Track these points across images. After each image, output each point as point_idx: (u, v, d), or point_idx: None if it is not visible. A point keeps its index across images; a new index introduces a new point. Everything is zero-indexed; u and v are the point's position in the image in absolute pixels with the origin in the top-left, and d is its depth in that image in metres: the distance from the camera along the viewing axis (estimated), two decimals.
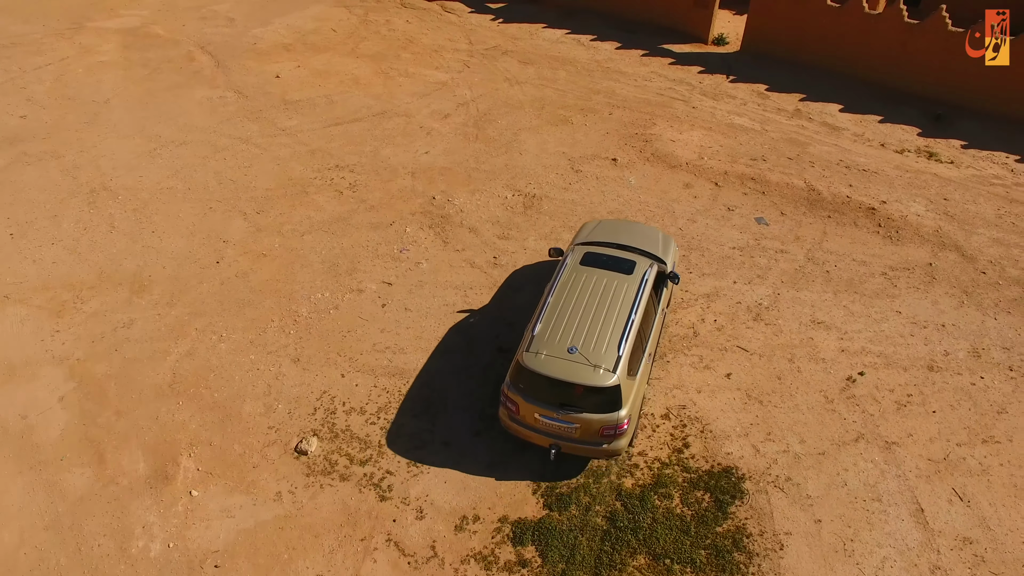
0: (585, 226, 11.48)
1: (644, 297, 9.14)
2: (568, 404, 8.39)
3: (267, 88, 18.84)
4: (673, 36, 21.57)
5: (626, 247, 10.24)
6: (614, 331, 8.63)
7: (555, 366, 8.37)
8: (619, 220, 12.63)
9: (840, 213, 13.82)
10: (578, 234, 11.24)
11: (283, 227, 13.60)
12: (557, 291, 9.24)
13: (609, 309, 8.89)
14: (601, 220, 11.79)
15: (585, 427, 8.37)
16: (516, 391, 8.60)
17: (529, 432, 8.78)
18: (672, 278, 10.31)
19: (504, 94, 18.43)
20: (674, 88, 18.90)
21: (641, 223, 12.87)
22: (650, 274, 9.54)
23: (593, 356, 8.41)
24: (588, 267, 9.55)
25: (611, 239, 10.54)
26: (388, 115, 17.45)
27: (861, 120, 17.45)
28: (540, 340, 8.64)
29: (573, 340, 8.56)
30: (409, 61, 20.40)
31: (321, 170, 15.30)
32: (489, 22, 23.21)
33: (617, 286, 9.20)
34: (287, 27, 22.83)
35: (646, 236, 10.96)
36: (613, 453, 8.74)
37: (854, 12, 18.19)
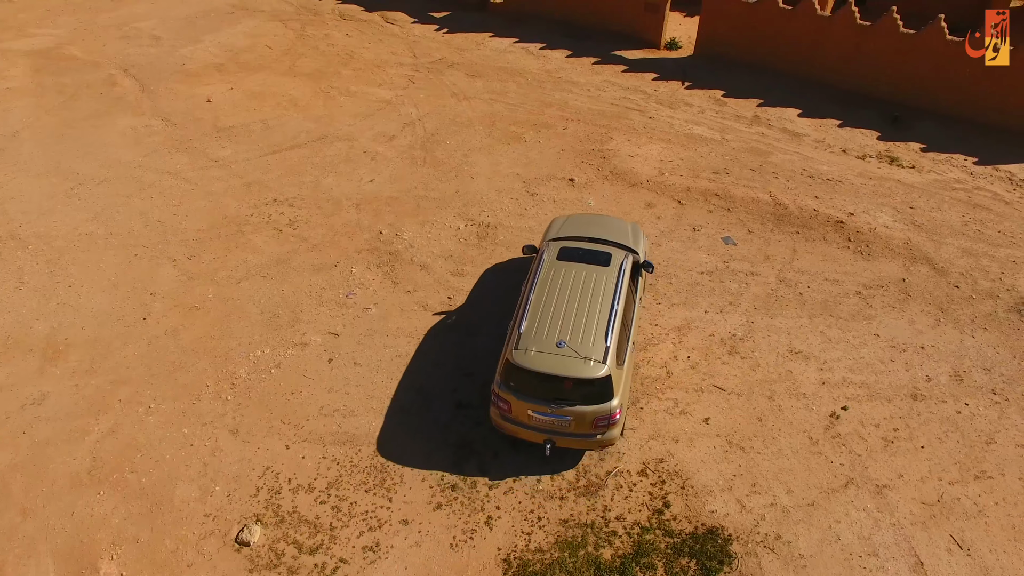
0: (555, 221, 11.30)
1: (624, 287, 9.25)
2: (561, 398, 8.37)
3: (197, 114, 17.46)
4: (624, 42, 20.83)
5: (598, 240, 10.23)
6: (599, 323, 8.68)
7: (545, 361, 8.34)
8: (588, 214, 12.65)
9: (808, 228, 13.24)
10: (548, 230, 11.06)
11: (217, 274, 12.38)
12: (538, 287, 9.21)
13: (592, 301, 8.94)
14: (570, 215, 11.74)
15: (579, 420, 8.37)
16: (507, 390, 8.53)
17: (522, 430, 8.72)
18: (646, 267, 10.37)
19: (452, 111, 17.42)
20: (629, 97, 18.15)
21: (609, 215, 12.77)
22: (626, 264, 9.63)
23: (582, 348, 8.42)
24: (565, 262, 9.58)
25: (582, 233, 10.51)
26: (329, 139, 16.28)
27: (820, 125, 16.97)
28: (528, 337, 8.59)
29: (560, 334, 8.55)
30: (350, 78, 19.21)
31: (258, 206, 14.09)
32: (433, 33, 22.12)
33: (596, 278, 9.26)
34: (218, 45, 21.38)
35: (616, 228, 10.92)
36: (607, 443, 8.77)
37: (806, 14, 17.70)
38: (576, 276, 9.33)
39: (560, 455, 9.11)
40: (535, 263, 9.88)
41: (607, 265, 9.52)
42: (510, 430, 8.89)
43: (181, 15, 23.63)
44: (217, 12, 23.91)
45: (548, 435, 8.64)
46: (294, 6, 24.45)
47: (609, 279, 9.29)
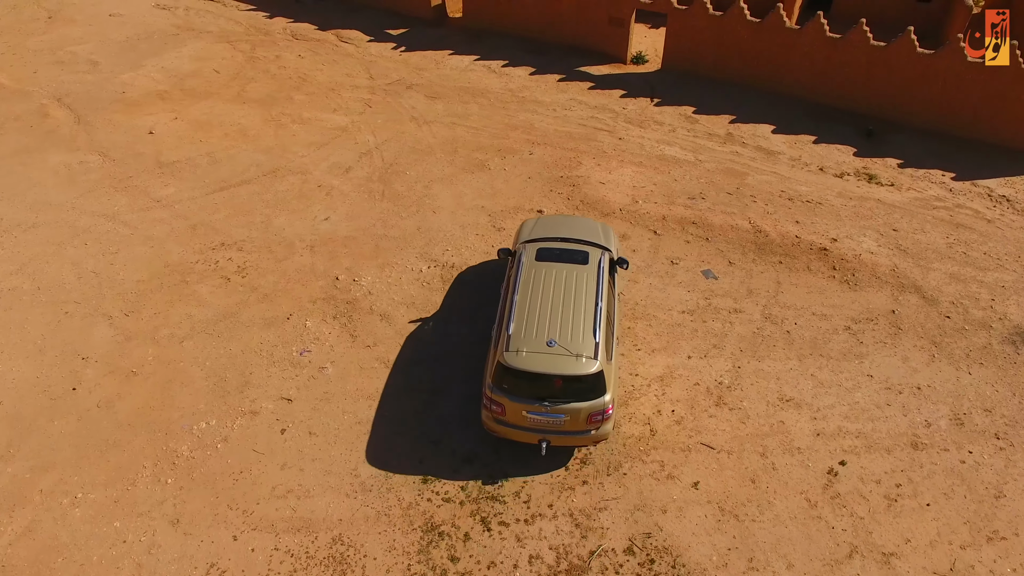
0: (525, 224, 11.26)
1: (605, 284, 9.36)
2: (555, 397, 8.34)
3: (138, 147, 16.19)
4: (589, 57, 20.03)
5: (571, 240, 10.29)
6: (586, 320, 8.72)
7: (537, 361, 8.32)
8: (557, 215, 12.72)
9: (791, 257, 12.53)
10: (520, 233, 11.02)
11: (158, 332, 11.22)
12: (521, 289, 9.17)
13: (576, 299, 8.98)
14: (539, 217, 11.84)
15: (574, 417, 8.37)
16: (500, 392, 8.46)
17: (517, 432, 8.67)
18: (621, 263, 10.47)
19: (412, 137, 16.42)
20: (597, 117, 17.34)
21: (578, 216, 12.88)
22: (604, 262, 9.72)
23: (572, 346, 8.43)
24: (544, 262, 9.60)
25: (555, 234, 10.53)
26: (281, 173, 15.16)
27: (795, 142, 16.34)
28: (517, 338, 8.55)
29: (549, 333, 8.55)
30: (303, 104, 18.08)
31: (204, 251, 12.93)
32: (390, 51, 21.08)
33: (577, 277, 9.32)
34: (161, 70, 20.07)
35: (587, 228, 10.98)
36: (600, 439, 8.78)
37: (774, 27, 17.08)
38: (557, 275, 9.34)
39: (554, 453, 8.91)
40: (513, 266, 9.87)
41: (586, 263, 9.57)
42: (504, 433, 8.77)
43: (121, 37, 22.24)
44: (160, 34, 22.57)
45: (543, 435, 8.59)
46: (243, 26, 23.21)
47: (590, 277, 9.34)
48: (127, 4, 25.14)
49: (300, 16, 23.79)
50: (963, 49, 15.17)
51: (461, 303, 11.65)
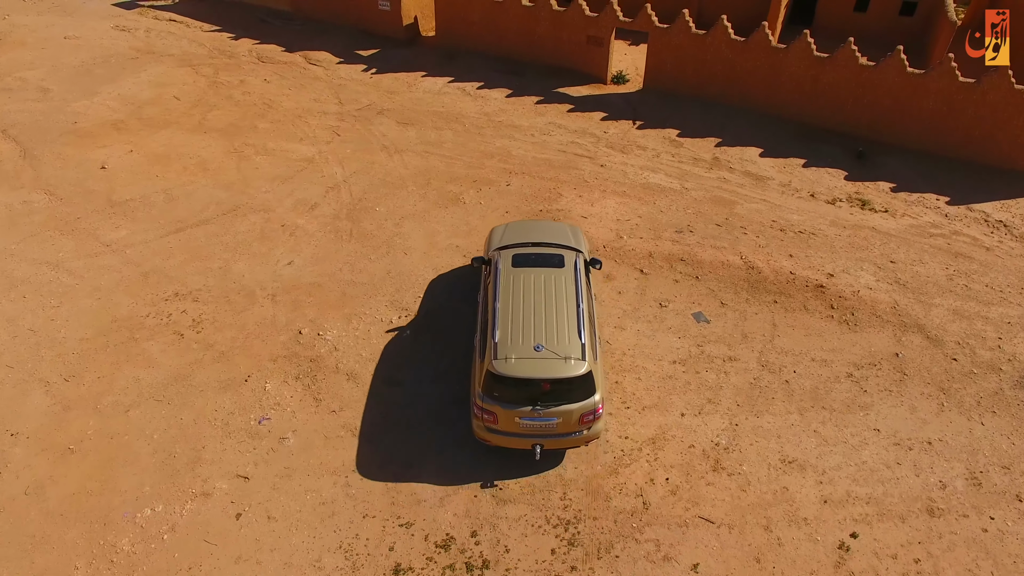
0: (495, 231, 11.19)
1: (583, 285, 9.36)
2: (546, 400, 8.28)
3: (89, 184, 15.08)
4: (568, 77, 19.22)
5: (542, 244, 10.29)
6: (569, 322, 8.70)
7: (527, 366, 8.26)
8: (525, 220, 12.55)
9: (786, 295, 11.74)
10: (490, 241, 10.92)
11: (101, 400, 10.16)
12: (501, 296, 9.08)
13: (557, 302, 8.96)
14: (508, 223, 11.61)
15: (566, 419, 8.37)
16: (491, 400, 8.35)
17: (510, 439, 8.59)
18: (594, 264, 10.53)
19: (382, 168, 15.47)
20: (577, 142, 16.50)
21: (546, 220, 12.94)
22: (579, 263, 9.72)
23: (560, 349, 8.39)
24: (521, 268, 9.54)
25: (526, 239, 10.51)
26: (243, 211, 14.13)
27: (784, 165, 15.61)
28: (504, 345, 8.46)
29: (534, 338, 8.49)
30: (268, 133, 17.06)
31: (156, 302, 11.88)
32: (360, 74, 20.12)
33: (556, 280, 9.31)
34: (118, 97, 18.94)
35: (556, 231, 11.00)
36: (592, 438, 8.76)
37: (759, 47, 16.37)
38: (535, 280, 9.30)
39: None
40: (489, 273, 9.80)
41: (562, 266, 9.58)
42: (497, 441, 8.67)
43: (75, 62, 21.06)
44: (118, 58, 21.42)
45: (536, 439, 8.53)
46: (207, 48, 22.13)
47: (568, 279, 9.35)
48: (84, 26, 23.95)
49: (267, 37, 22.76)
50: (955, 69, 14.54)
51: (436, 358, 10.70)
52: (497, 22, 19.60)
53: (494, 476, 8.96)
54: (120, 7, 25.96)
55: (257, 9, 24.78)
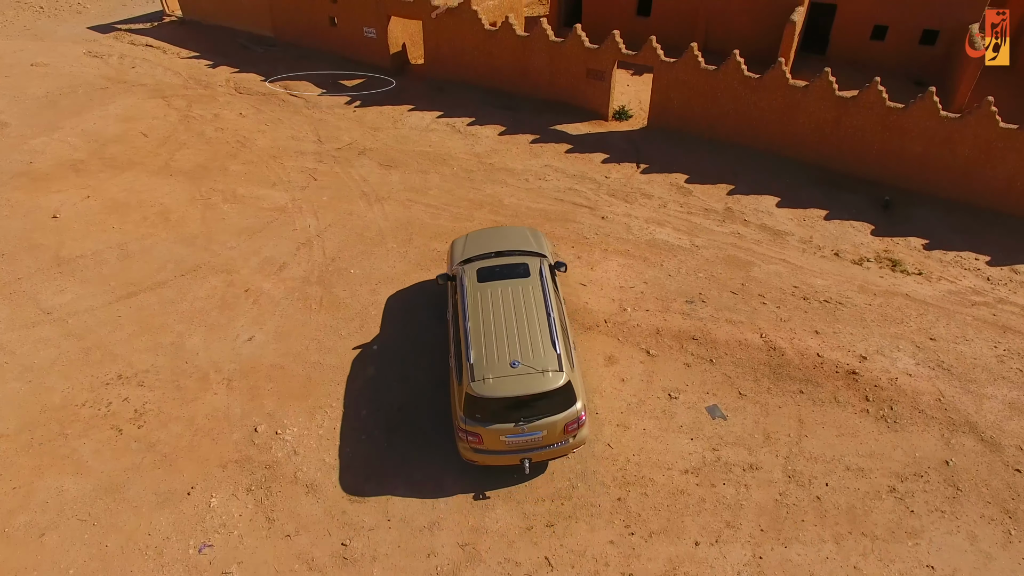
0: (456, 243, 11.01)
1: (551, 293, 9.23)
2: (530, 415, 8.15)
3: (36, 237, 13.62)
4: (566, 113, 17.76)
5: (505, 252, 10.13)
6: (542, 333, 8.58)
7: (506, 385, 8.10)
8: (485, 229, 12.11)
9: (814, 384, 10.22)
10: (452, 254, 10.76)
11: (12, 520, 8.64)
12: (471, 315, 8.89)
13: (527, 314, 8.83)
14: (468, 233, 11.36)
15: (551, 430, 8.27)
16: (475, 423, 8.19)
17: (497, 457, 8.42)
18: (559, 267, 10.42)
19: (360, 220, 13.98)
20: (576, 188, 15.02)
21: (506, 226, 12.84)
22: (545, 270, 9.59)
23: (536, 362, 8.27)
24: (487, 282, 9.35)
25: (488, 249, 10.32)
26: (203, 272, 12.65)
27: (804, 217, 14.11)
28: (480, 366, 8.28)
29: (510, 355, 8.35)
30: (239, 176, 15.60)
31: (96, 387, 10.39)
32: (343, 107, 18.68)
33: (523, 291, 9.17)
34: (81, 133, 17.50)
35: (517, 237, 10.86)
36: (578, 445, 8.68)
37: (776, 85, 14.90)
38: (503, 294, 9.13)
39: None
40: (455, 291, 9.61)
41: (528, 276, 9.42)
42: (484, 461, 8.49)
43: (40, 92, 19.65)
44: (87, 87, 20.01)
45: (524, 454, 8.37)
46: (182, 77, 20.72)
47: (535, 289, 9.22)
48: (54, 51, 22.58)
49: (246, 65, 21.35)
50: (994, 113, 13.05)
51: (413, 467, 9.18)
52: (490, 52, 18.16)
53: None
54: (95, 31, 24.63)
55: (239, 34, 23.41)
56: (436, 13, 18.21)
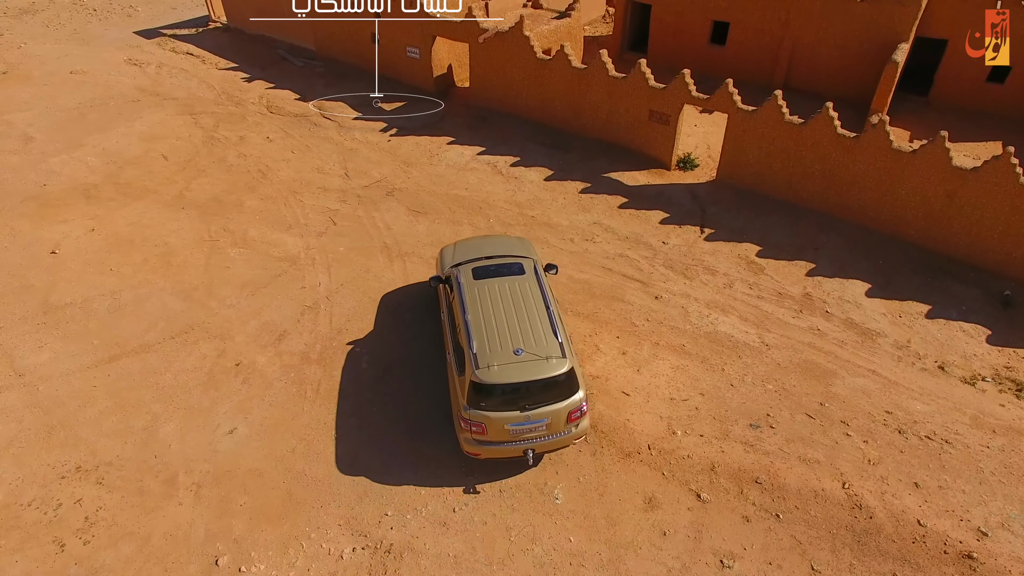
0: (445, 250, 11.00)
1: (547, 288, 9.23)
2: (534, 403, 8.06)
3: (30, 276, 12.42)
4: (622, 158, 15.62)
5: (495, 257, 10.05)
6: (542, 323, 8.59)
7: (511, 372, 8.02)
8: (474, 237, 12.03)
9: (913, 567, 7.93)
10: (443, 260, 10.76)
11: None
12: (470, 308, 8.84)
13: (526, 307, 8.83)
14: (457, 241, 11.35)
15: (556, 418, 8.19)
16: (479, 411, 8.05)
17: (501, 448, 8.27)
18: (549, 268, 10.40)
19: (377, 281, 12.25)
20: (628, 255, 12.91)
21: (493, 234, 12.85)
22: (539, 268, 9.65)
23: (539, 350, 8.22)
24: (482, 279, 9.33)
25: (477, 254, 10.31)
26: (195, 336, 11.15)
27: (901, 313, 11.65)
28: (483, 354, 8.18)
29: (512, 343, 8.32)
30: (253, 214, 14.11)
31: (49, 481, 8.97)
32: (377, 135, 17.00)
33: (520, 286, 9.16)
34: (102, 152, 16.37)
35: (505, 244, 10.89)
36: (580, 435, 8.54)
37: (876, 146, 12.41)
38: (500, 289, 9.15)
39: None
40: (453, 289, 9.50)
41: (523, 273, 9.47)
42: (488, 453, 8.36)
43: (71, 104, 18.69)
44: (119, 99, 18.97)
45: (527, 445, 8.27)
46: (215, 91, 19.46)
47: (532, 284, 9.27)
48: (96, 58, 21.72)
49: (282, 80, 19.96)
50: None
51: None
52: (541, 83, 16.16)
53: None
54: (141, 35, 23.75)
55: (280, 44, 22.04)
56: (484, 37, 16.31)
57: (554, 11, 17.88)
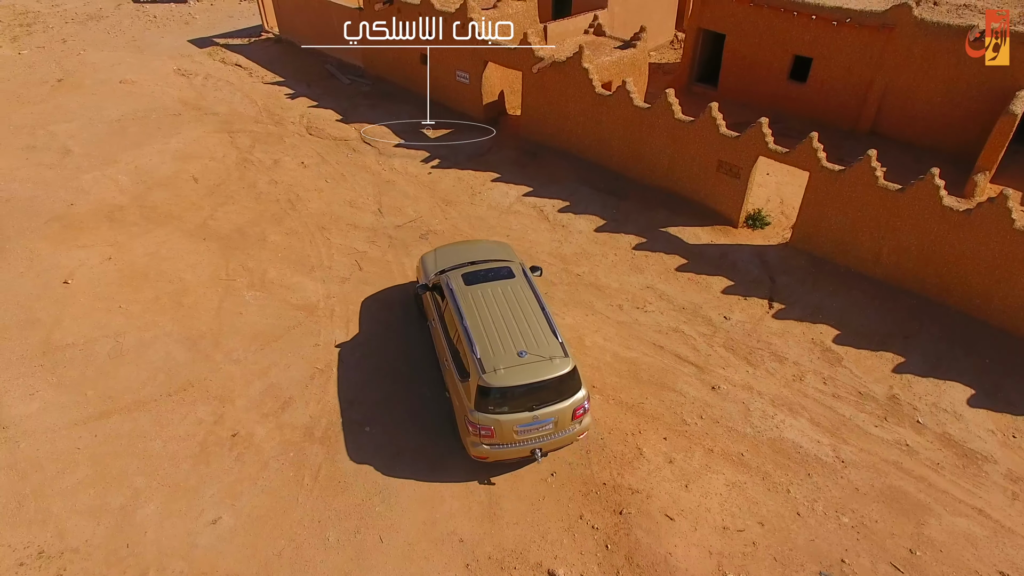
0: (426, 258, 10.89)
1: (539, 290, 9.34)
2: (540, 404, 8.12)
3: (37, 309, 11.66)
4: (684, 211, 13.94)
5: (479, 262, 10.07)
6: (540, 325, 8.68)
7: (518, 374, 8.04)
8: (453, 243, 11.73)
9: None
10: (425, 268, 10.62)
11: None
12: (466, 314, 8.79)
13: (523, 310, 8.90)
14: (436, 248, 11.15)
15: (562, 417, 8.25)
16: (487, 414, 8.05)
17: (509, 451, 8.29)
18: (534, 270, 10.36)
19: (399, 343, 10.96)
20: (683, 331, 11.26)
21: (475, 240, 12.69)
22: (527, 271, 9.70)
23: (541, 351, 8.26)
24: (474, 285, 9.30)
25: (462, 260, 10.32)
26: (193, 395, 10.08)
27: (1015, 431, 9.65)
28: (488, 359, 8.17)
29: (514, 346, 8.35)
30: (276, 251, 13.06)
31: (5, 569, 7.96)
32: (417, 166, 15.79)
33: (512, 290, 9.21)
34: (134, 171, 15.68)
35: (487, 249, 10.90)
36: (583, 431, 8.65)
37: (992, 223, 10.42)
38: (493, 294, 9.13)
39: None
40: (442, 297, 9.47)
41: (513, 276, 9.47)
42: (496, 456, 8.30)
43: (114, 116, 18.17)
44: (160, 112, 18.35)
45: (535, 444, 8.31)
46: (257, 107, 18.66)
47: (524, 287, 9.28)
48: (147, 67, 21.30)
49: (326, 99, 19.01)
50: None
51: None
52: (598, 121, 14.64)
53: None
54: (194, 44, 23.29)
55: (329, 59, 21.15)
56: (539, 67, 14.88)
57: (618, 40, 16.31)
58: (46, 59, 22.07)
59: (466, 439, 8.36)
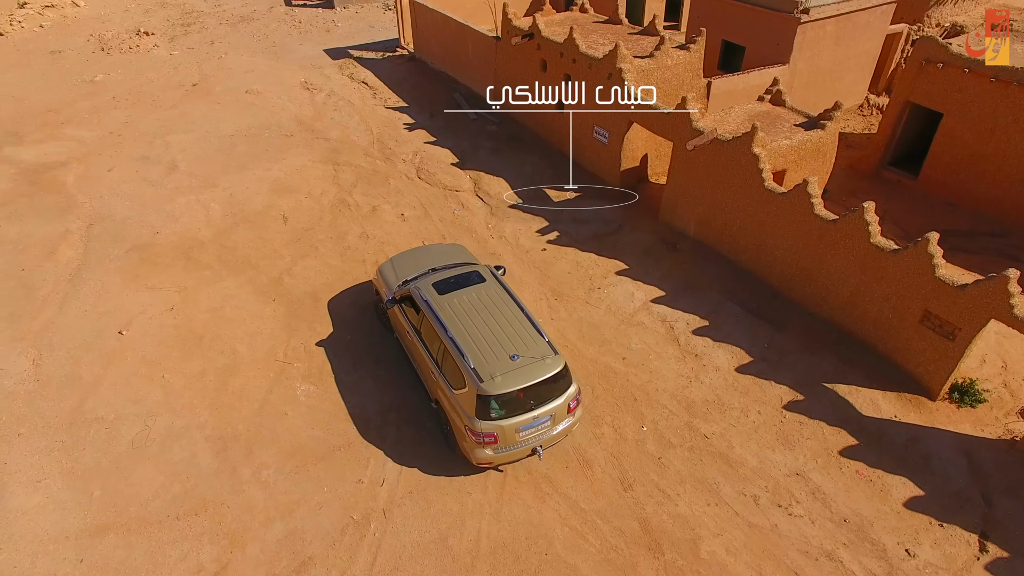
0: (383, 269, 10.72)
1: (512, 291, 9.26)
2: (537, 403, 8.19)
3: (84, 363, 10.54)
4: (861, 360, 10.43)
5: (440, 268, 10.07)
6: (524, 326, 8.66)
7: (515, 378, 8.08)
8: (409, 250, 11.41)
9: None
10: (386, 280, 10.45)
11: None
12: (449, 325, 8.68)
13: (503, 313, 8.83)
14: (392, 257, 11.05)
15: (559, 412, 8.37)
16: (489, 422, 8.05)
17: (512, 452, 8.35)
18: (498, 269, 10.36)
19: (460, 499, 8.56)
20: (840, 558, 7.99)
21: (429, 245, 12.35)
22: (495, 273, 9.63)
23: (532, 352, 8.33)
24: (448, 294, 9.18)
25: (422, 268, 10.26)
26: (201, 522, 8.31)
27: None
28: (483, 367, 8.15)
29: (506, 350, 8.32)
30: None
31: None
32: (531, 237, 13.43)
33: (487, 294, 9.16)
34: (228, 199, 14.51)
35: (445, 254, 10.88)
36: (576, 421, 8.75)
37: None
38: (470, 300, 9.04)
39: None
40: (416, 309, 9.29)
41: (484, 281, 9.40)
42: (500, 459, 8.34)
43: (229, 131, 17.28)
44: (273, 132, 17.25)
45: (535, 443, 8.37)
46: (371, 136, 17.13)
47: (497, 290, 9.23)
48: (275, 77, 20.49)
49: (446, 134, 17.07)
50: None
51: None
52: (762, 222, 11.44)
53: None
54: (329, 54, 22.33)
55: (459, 87, 19.23)
56: (695, 143, 11.90)
57: (800, 115, 12.88)
58: (191, 61, 21.90)
59: (466, 446, 8.27)
